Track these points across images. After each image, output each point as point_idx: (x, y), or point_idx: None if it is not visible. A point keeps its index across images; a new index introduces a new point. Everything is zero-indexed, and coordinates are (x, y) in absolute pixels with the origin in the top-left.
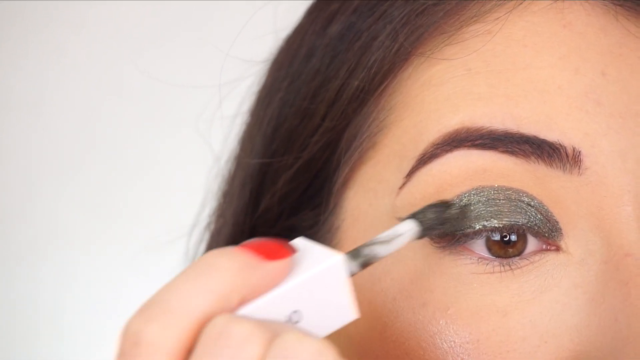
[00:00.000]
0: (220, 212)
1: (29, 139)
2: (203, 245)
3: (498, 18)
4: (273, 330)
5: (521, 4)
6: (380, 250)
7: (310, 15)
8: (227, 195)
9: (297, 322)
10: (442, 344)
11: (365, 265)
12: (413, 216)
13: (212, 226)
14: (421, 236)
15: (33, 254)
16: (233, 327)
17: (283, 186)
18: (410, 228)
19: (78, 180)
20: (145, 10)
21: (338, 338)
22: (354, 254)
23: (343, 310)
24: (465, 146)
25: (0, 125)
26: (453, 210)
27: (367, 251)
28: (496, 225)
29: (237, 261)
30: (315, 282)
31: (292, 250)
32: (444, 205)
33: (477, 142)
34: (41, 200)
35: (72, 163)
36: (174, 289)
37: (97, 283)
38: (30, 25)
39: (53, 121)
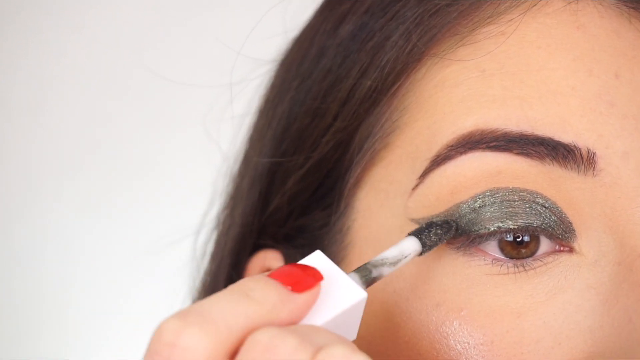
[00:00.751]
0: (229, 212)
1: (33, 139)
2: (211, 245)
3: (512, 19)
4: (318, 343)
5: (535, 5)
6: (386, 270)
7: (321, 14)
8: (236, 195)
9: None
10: (455, 345)
11: (370, 283)
12: (417, 235)
13: (220, 226)
14: (421, 254)
15: (35, 254)
16: (280, 340)
17: (293, 186)
18: (414, 250)
19: (83, 180)
20: (152, 8)
21: None
22: (363, 273)
23: (346, 331)
24: (479, 148)
25: (0, 125)
26: (453, 231)
27: (375, 273)
28: (511, 226)
29: (272, 294)
30: (339, 316)
31: (319, 278)
32: (447, 226)
33: (491, 144)
34: (44, 200)
35: (78, 163)
36: (215, 304)
37: (102, 283)
38: (30, 25)
39: (57, 121)
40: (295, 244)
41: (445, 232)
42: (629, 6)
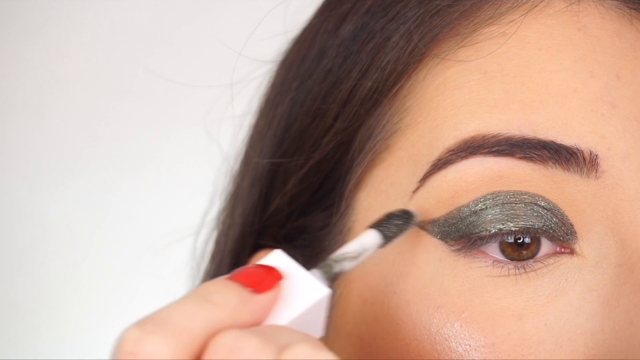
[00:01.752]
0: (229, 212)
1: (34, 139)
2: (211, 245)
3: (513, 20)
4: (282, 342)
5: (536, 6)
6: (348, 265)
7: (321, 15)
8: (236, 195)
9: None
10: (457, 347)
11: (333, 279)
12: (377, 227)
13: (221, 226)
14: (382, 247)
15: (35, 254)
16: (243, 342)
17: (293, 187)
18: (375, 242)
19: (83, 180)
20: (153, 9)
21: (349, 339)
22: (325, 269)
23: (311, 328)
24: (481, 153)
25: (2, 125)
26: (414, 222)
27: (337, 268)
28: (512, 228)
29: (232, 296)
30: (303, 315)
31: (279, 277)
32: (407, 216)
33: (493, 149)
34: (44, 200)
35: (78, 163)
36: (175, 310)
37: (102, 283)
38: (32, 25)
39: (58, 121)
40: (295, 245)
41: (405, 222)
42: (630, 7)
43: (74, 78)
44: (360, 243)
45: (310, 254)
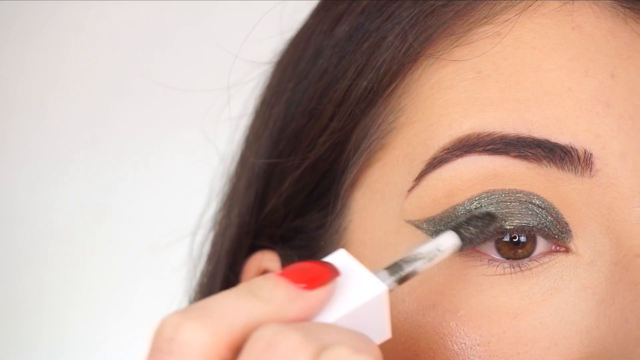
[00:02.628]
0: (225, 213)
1: (33, 140)
2: (207, 246)
3: (507, 20)
4: (321, 343)
5: (531, 6)
6: (420, 266)
7: (317, 15)
8: (232, 196)
9: None
10: (452, 345)
11: (402, 281)
12: (456, 229)
13: (217, 227)
14: (461, 250)
15: (36, 253)
16: (282, 337)
17: (289, 187)
18: (452, 244)
19: (84, 180)
20: (150, 13)
21: None
22: (393, 270)
23: (376, 330)
24: (476, 151)
25: (2, 125)
26: (497, 223)
27: (408, 268)
28: (507, 227)
29: (278, 292)
30: (356, 312)
31: (335, 274)
32: (488, 217)
33: (488, 147)
34: (44, 200)
35: (77, 164)
36: (218, 300)
37: (100, 284)
38: (33, 25)
39: (57, 122)
40: (292, 245)
41: (487, 224)
42: (625, 6)
43: (73, 79)
44: (436, 244)
45: (307, 254)
